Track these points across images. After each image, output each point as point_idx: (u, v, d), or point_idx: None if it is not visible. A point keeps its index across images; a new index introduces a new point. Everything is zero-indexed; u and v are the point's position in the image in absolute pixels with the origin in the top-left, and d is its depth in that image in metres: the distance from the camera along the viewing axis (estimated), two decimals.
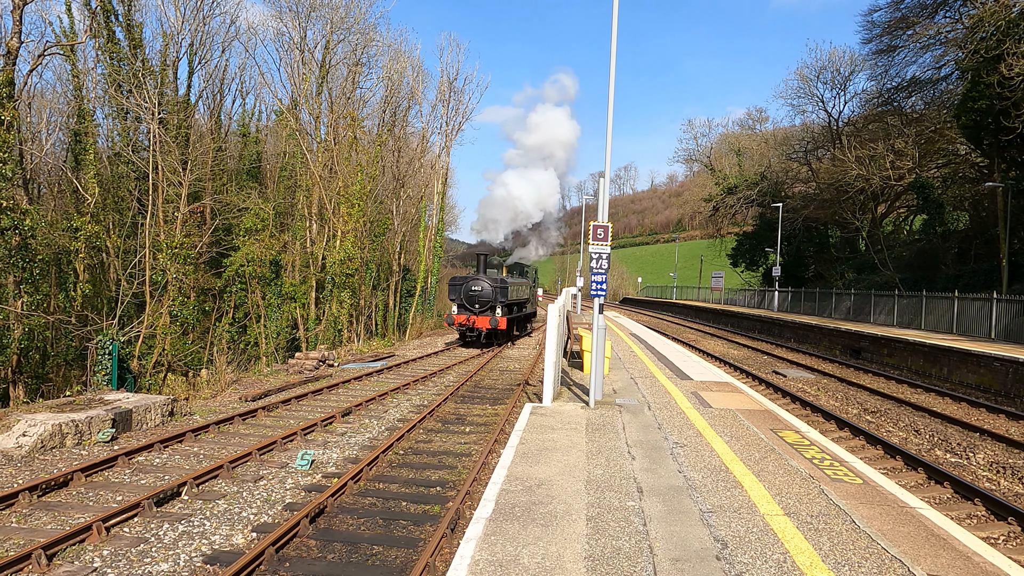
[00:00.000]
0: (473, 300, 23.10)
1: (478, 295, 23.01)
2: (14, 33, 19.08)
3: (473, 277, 23.47)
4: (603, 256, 9.77)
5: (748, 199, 50.43)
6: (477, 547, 4.68)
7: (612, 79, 9.90)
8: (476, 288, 23.05)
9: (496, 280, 23.17)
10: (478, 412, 12.91)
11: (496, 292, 22.86)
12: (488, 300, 22.99)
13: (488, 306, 22.99)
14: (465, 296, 23.15)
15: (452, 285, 24.01)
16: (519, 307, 26.42)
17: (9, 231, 16.92)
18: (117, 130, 27.97)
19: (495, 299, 22.92)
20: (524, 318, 29.06)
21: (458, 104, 39.94)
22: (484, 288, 22.96)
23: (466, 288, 23.15)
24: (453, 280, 24.30)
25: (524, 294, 27.03)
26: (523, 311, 27.83)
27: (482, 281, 23.09)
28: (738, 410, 10.42)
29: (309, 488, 8.14)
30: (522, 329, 29.34)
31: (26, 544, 6.14)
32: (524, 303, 27.64)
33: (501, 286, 22.96)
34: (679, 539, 5.06)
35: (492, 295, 22.88)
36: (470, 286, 23.10)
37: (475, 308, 23.05)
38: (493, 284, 22.93)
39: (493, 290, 22.88)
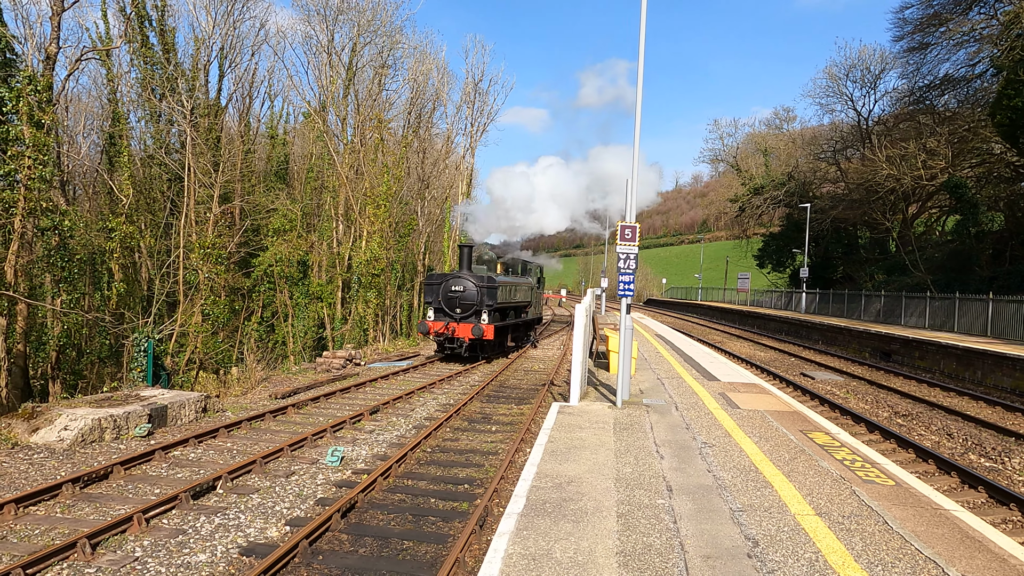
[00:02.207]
0: (453, 303, 19.01)
1: (459, 297, 18.90)
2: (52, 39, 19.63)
3: (454, 275, 19.35)
4: (631, 256, 9.78)
5: (775, 199, 49.85)
6: (510, 541, 4.74)
7: (640, 81, 9.91)
8: (457, 288, 18.96)
9: (482, 279, 19.05)
10: (504, 411, 12.98)
11: (481, 293, 18.80)
12: (472, 303, 18.87)
13: (472, 310, 18.91)
14: (444, 298, 19.12)
15: (428, 285, 19.75)
16: (516, 312, 22.57)
17: (48, 231, 17.42)
18: (150, 133, 28.62)
19: (480, 302, 18.82)
20: (523, 326, 24.36)
21: (483, 105, 40.15)
22: (467, 288, 18.88)
23: (445, 288, 19.14)
24: (429, 278, 19.91)
25: (522, 296, 22.77)
26: (521, 317, 23.43)
27: (464, 279, 18.99)
28: (766, 411, 10.35)
29: (340, 484, 8.27)
30: (521, 339, 24.78)
31: (71, 533, 6.34)
32: (523, 307, 23.43)
33: (488, 286, 18.90)
34: (710, 537, 5.07)
35: (476, 297, 18.79)
36: (450, 285, 19.09)
37: (455, 313, 18.97)
38: (478, 283, 18.86)
39: (478, 290, 18.80)
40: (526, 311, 24.03)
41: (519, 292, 22.18)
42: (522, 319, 23.48)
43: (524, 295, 23.03)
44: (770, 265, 51.67)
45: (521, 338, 24.78)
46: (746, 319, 43.44)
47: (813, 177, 48.18)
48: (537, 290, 26.06)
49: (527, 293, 23.59)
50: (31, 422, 9.66)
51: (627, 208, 9.88)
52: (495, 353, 20.90)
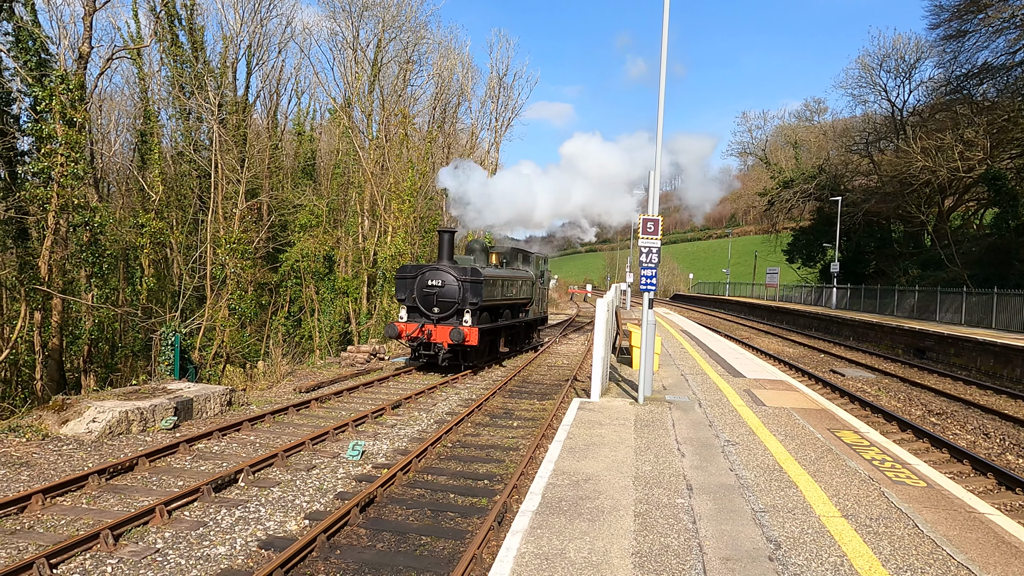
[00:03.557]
0: (429, 300, 15.75)
1: (437, 293, 15.68)
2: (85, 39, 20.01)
3: (431, 266, 16.00)
4: (653, 250, 9.62)
5: (805, 193, 48.91)
6: (523, 540, 4.67)
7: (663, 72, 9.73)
8: (434, 283, 15.72)
9: (465, 271, 15.74)
10: (526, 407, 12.91)
11: (464, 288, 15.57)
12: (452, 301, 15.65)
13: (452, 309, 15.70)
14: (419, 294, 15.89)
15: (400, 278, 16.52)
16: (513, 310, 19.44)
17: (81, 227, 17.79)
18: (180, 130, 29.09)
19: (462, 299, 15.59)
20: (522, 327, 20.90)
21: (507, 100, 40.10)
22: (446, 282, 15.68)
23: (421, 283, 15.90)
24: (402, 270, 16.70)
25: (520, 292, 19.52)
26: (519, 316, 20.22)
27: (443, 272, 15.76)
28: (793, 409, 10.12)
29: (360, 478, 8.28)
30: (518, 342, 20.98)
31: (95, 524, 6.44)
32: (521, 305, 20.19)
33: (471, 280, 15.63)
34: (730, 538, 4.94)
35: (458, 293, 15.57)
36: (426, 279, 15.85)
37: (432, 313, 15.80)
38: (460, 276, 15.61)
39: (459, 285, 15.58)
40: (525, 309, 20.85)
41: (515, 287, 18.95)
42: (520, 319, 20.29)
43: (522, 290, 19.75)
44: (800, 260, 50.75)
45: (520, 341, 21.16)
46: (774, 315, 42.75)
47: (845, 170, 47.15)
48: (540, 285, 22.45)
49: (526, 288, 20.22)
50: (61, 414, 9.86)
51: (650, 201, 9.73)
52: (483, 360, 17.48)
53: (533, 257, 21.75)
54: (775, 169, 55.12)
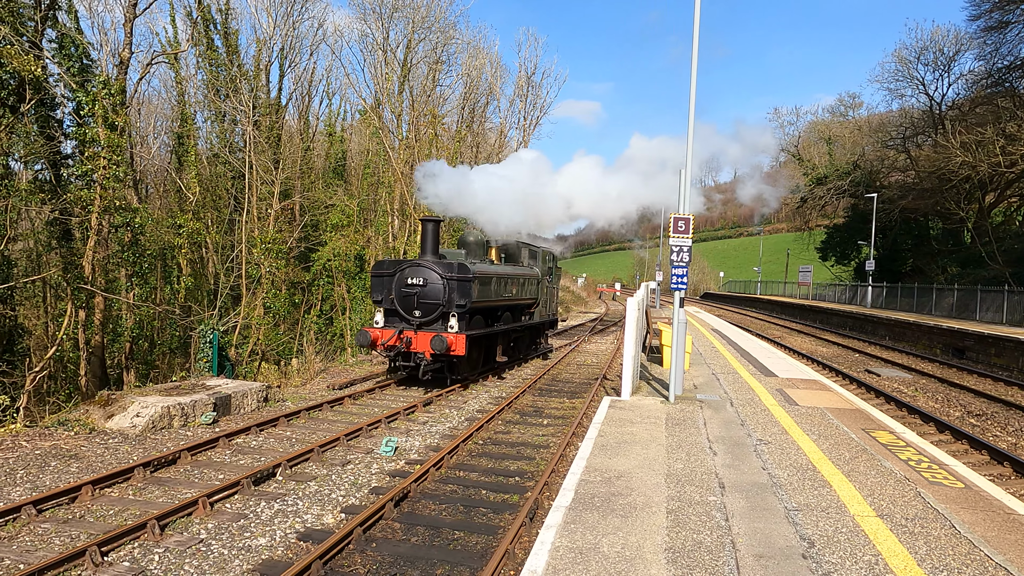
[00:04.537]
0: (409, 302, 13.61)
1: (418, 293, 13.54)
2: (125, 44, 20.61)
3: (412, 262, 13.84)
4: (684, 249, 9.61)
5: (839, 190, 48.01)
6: (557, 534, 4.75)
7: (694, 70, 9.70)
8: (415, 281, 13.58)
9: (452, 267, 13.56)
10: (555, 405, 12.98)
11: (449, 288, 13.42)
12: (436, 302, 13.49)
13: (436, 313, 13.53)
14: (398, 295, 13.72)
15: (376, 276, 14.29)
16: (513, 312, 17.16)
17: (122, 228, 18.34)
18: (215, 132, 29.74)
19: (447, 300, 13.43)
20: (526, 332, 18.34)
21: (536, 99, 40.10)
22: (428, 280, 13.51)
23: (399, 281, 13.73)
24: (378, 267, 14.39)
25: (523, 292, 17.10)
26: (522, 319, 17.83)
27: (425, 268, 13.59)
28: (827, 408, 10.02)
29: (393, 473, 8.44)
30: (520, 349, 18.41)
31: (142, 515, 6.69)
32: (524, 307, 17.86)
33: (459, 277, 13.44)
34: (763, 536, 4.95)
35: (442, 293, 13.43)
36: (405, 277, 13.69)
37: (412, 317, 13.63)
38: (446, 274, 13.47)
39: (444, 284, 13.44)
40: (530, 311, 18.40)
41: (516, 286, 16.48)
42: (524, 322, 17.83)
43: (526, 290, 17.31)
44: (833, 258, 49.87)
45: (524, 348, 18.67)
46: (807, 313, 42.09)
47: (880, 166, 46.18)
48: (548, 283, 19.71)
49: (530, 287, 17.71)
50: (106, 409, 10.21)
51: (680, 199, 9.71)
52: (475, 372, 15.15)
53: (540, 252, 19.10)
54: (808, 165, 54.21)
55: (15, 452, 8.56)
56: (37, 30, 17.35)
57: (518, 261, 18.43)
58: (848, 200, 48.65)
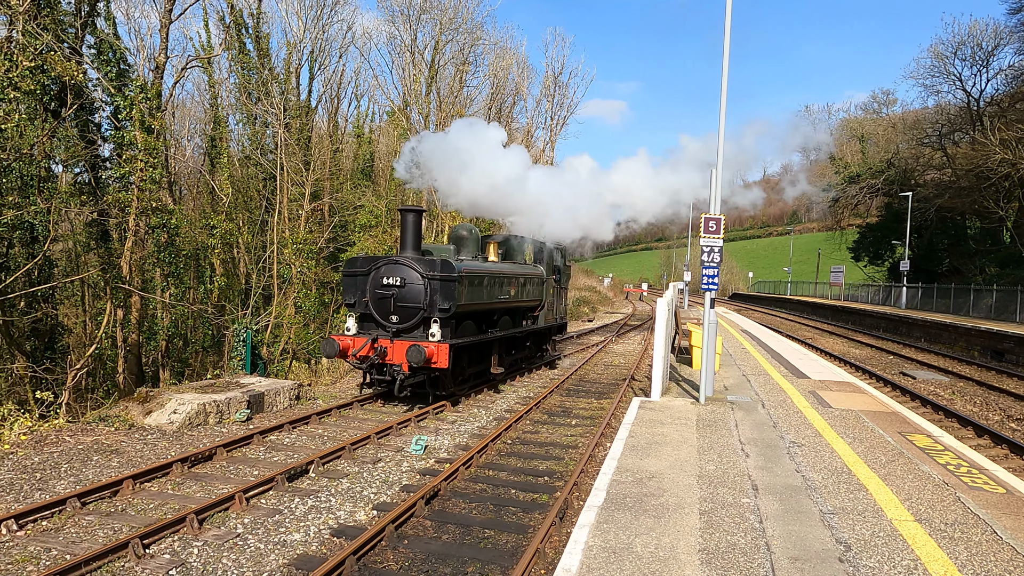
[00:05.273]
0: (385, 305, 11.83)
1: (395, 295, 11.74)
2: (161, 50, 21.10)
3: (388, 259, 12.01)
4: (715, 249, 9.54)
5: (872, 188, 47.13)
6: (590, 533, 4.76)
7: (725, 67, 9.62)
8: (391, 280, 11.75)
9: (434, 264, 11.69)
10: (583, 405, 12.96)
11: (431, 289, 11.58)
12: (416, 306, 11.68)
13: (417, 318, 11.70)
14: (372, 297, 11.94)
15: (348, 275, 12.40)
16: (513, 316, 15.23)
17: (158, 229, 18.76)
18: (247, 135, 30.25)
19: (429, 303, 11.61)
20: (530, 337, 16.42)
21: (562, 98, 40.10)
22: (407, 280, 11.69)
23: (374, 281, 11.93)
24: (350, 265, 12.49)
25: (525, 293, 15.13)
26: (524, 324, 15.88)
27: (404, 266, 11.75)
28: (861, 411, 9.86)
29: (423, 472, 8.51)
30: (526, 358, 16.62)
31: (180, 509, 6.85)
32: (527, 310, 15.96)
33: (443, 276, 11.57)
34: (798, 538, 4.90)
35: (423, 295, 11.60)
36: (380, 276, 11.87)
37: (389, 322, 11.85)
38: (427, 273, 11.61)
39: (426, 284, 11.58)
40: (533, 315, 16.32)
41: (516, 286, 14.50)
42: (526, 327, 15.77)
43: (528, 291, 15.26)
44: (867, 258, 48.98)
45: (526, 356, 16.54)
46: (839, 314, 41.38)
47: (915, 164, 45.21)
48: (555, 283, 17.59)
49: (533, 288, 15.68)
50: (145, 405, 10.47)
51: (711, 199, 9.64)
52: (466, 387, 13.29)
53: (546, 248, 16.83)
54: (840, 164, 53.29)
55: (59, 447, 8.82)
56: (78, 37, 17.84)
57: (518, 258, 16.27)
58: (882, 199, 47.73)
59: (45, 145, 15.61)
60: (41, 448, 8.71)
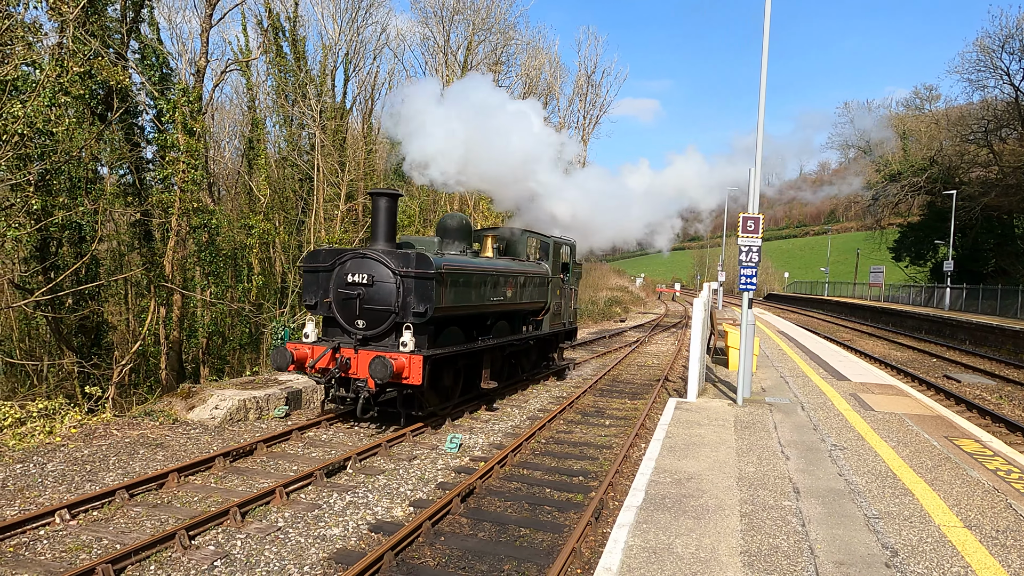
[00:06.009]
0: (350, 308, 10.05)
1: (361, 296, 9.92)
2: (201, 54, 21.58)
3: (355, 252, 10.17)
4: (753, 249, 9.41)
5: (914, 187, 45.89)
6: (630, 533, 4.74)
7: (764, 64, 9.48)
8: (357, 278, 9.95)
9: (407, 260, 9.83)
10: (617, 406, 12.90)
11: (404, 289, 9.80)
12: (385, 309, 9.90)
13: (387, 323, 9.91)
14: (336, 297, 10.17)
15: (308, 271, 10.59)
16: (510, 321, 13.44)
17: (199, 229, 19.20)
18: (284, 136, 30.76)
19: (401, 306, 9.82)
20: (530, 346, 14.37)
21: (595, 97, 39.94)
22: (376, 278, 9.88)
23: (338, 278, 10.16)
24: (310, 259, 10.62)
25: (525, 294, 13.31)
26: (524, 330, 14.06)
27: (373, 262, 9.96)
28: (905, 414, 9.62)
29: (458, 470, 8.56)
30: (523, 369, 14.47)
31: (223, 502, 7.01)
32: (529, 313, 14.17)
33: (418, 274, 9.77)
34: (842, 543, 4.81)
35: (394, 296, 9.81)
36: (344, 273, 10.09)
37: (355, 328, 10.06)
38: (400, 269, 9.79)
39: (399, 283, 9.79)
40: (536, 319, 14.50)
41: (513, 286, 12.66)
42: (527, 334, 13.85)
43: (528, 292, 13.45)
44: (908, 258, 47.75)
45: (527, 367, 14.67)
46: (879, 316, 40.41)
47: (960, 161, 43.90)
48: (562, 283, 15.46)
49: (535, 288, 13.80)
50: (187, 401, 10.74)
51: (750, 198, 9.51)
52: (448, 406, 11.32)
53: (551, 244, 14.78)
54: (880, 162, 52.00)
55: (107, 440, 9.10)
56: (123, 42, 18.36)
57: (519, 254, 14.38)
58: (924, 197, 46.47)
59: (92, 148, 16.09)
60: (90, 441, 8.99)
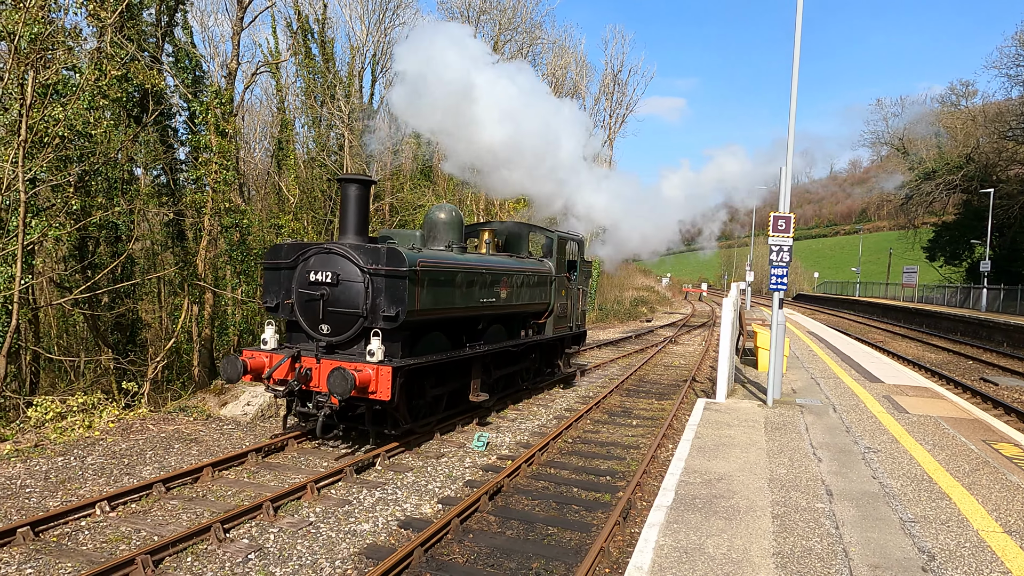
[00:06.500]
0: (313, 310, 8.86)
1: (326, 296, 8.72)
2: (233, 56, 21.96)
3: (319, 247, 8.97)
4: (784, 248, 9.29)
5: (949, 185, 44.87)
6: (660, 532, 4.73)
7: (796, 62, 9.35)
8: (321, 276, 8.77)
9: (377, 255, 8.63)
10: (644, 406, 12.83)
11: (374, 289, 8.61)
12: (352, 312, 8.69)
13: (354, 328, 8.69)
14: (298, 298, 8.96)
15: (270, 268, 9.39)
16: (508, 324, 12.14)
17: (231, 228, 19.54)
18: (312, 137, 31.16)
19: (371, 308, 8.62)
20: (530, 353, 13.07)
21: (621, 96, 39.71)
22: (342, 275, 8.72)
23: (300, 276, 8.95)
24: (272, 255, 9.41)
25: (524, 295, 11.96)
26: (522, 333, 12.71)
27: (339, 256, 8.76)
28: (941, 417, 9.42)
29: (486, 468, 8.60)
30: (522, 378, 13.17)
31: (256, 496, 7.13)
32: (529, 316, 12.83)
33: (389, 271, 8.55)
34: (877, 546, 4.74)
35: (362, 297, 8.62)
36: (307, 271, 8.89)
37: (319, 333, 8.86)
38: (368, 266, 8.60)
39: (367, 282, 8.59)
40: (537, 323, 13.16)
41: (509, 286, 11.31)
42: (526, 340, 12.49)
43: (528, 292, 12.10)
44: (942, 258, 46.71)
45: (526, 376, 13.35)
46: (912, 317, 39.57)
47: (998, 159, 42.79)
48: (568, 283, 14.20)
49: (535, 288, 12.44)
50: (220, 397, 10.94)
51: (781, 197, 9.39)
52: (428, 423, 10.00)
53: (555, 239, 13.39)
54: (914, 159, 50.93)
55: (143, 434, 9.32)
56: (158, 46, 18.75)
57: (519, 250, 13.33)
58: (960, 196, 45.42)
59: (128, 149, 16.47)
60: (127, 435, 9.22)
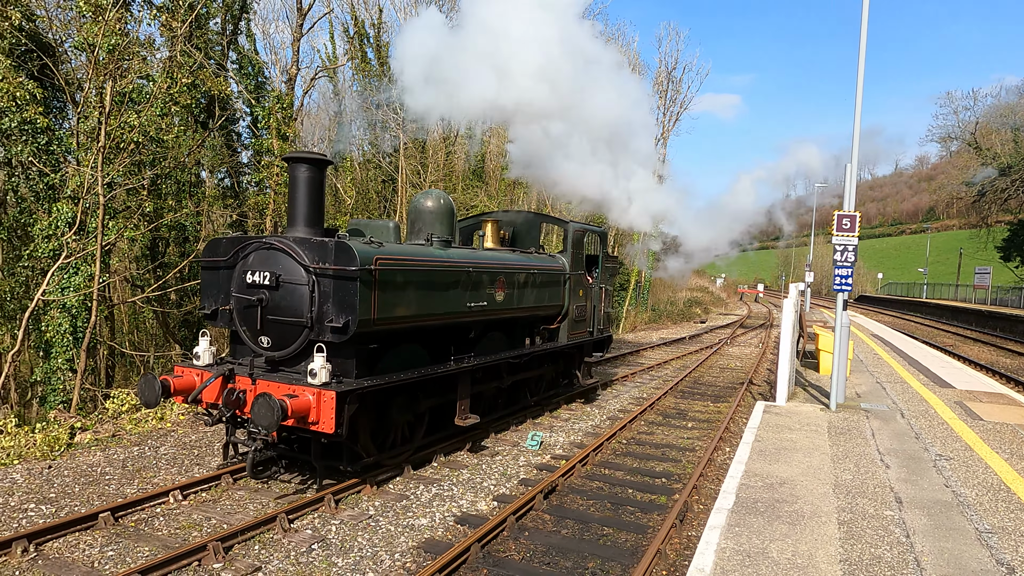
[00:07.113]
0: (251, 318, 7.01)
1: (264, 302, 6.87)
2: (293, 63, 22.61)
3: (258, 241, 7.06)
4: (849, 248, 9.00)
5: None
6: (722, 536, 4.66)
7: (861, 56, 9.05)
8: (259, 277, 6.85)
9: (324, 250, 6.70)
10: (699, 408, 12.63)
11: (321, 292, 6.69)
12: (296, 322, 6.79)
13: (299, 341, 6.84)
14: (236, 304, 7.15)
15: (206, 267, 7.61)
16: (507, 331, 10.23)
17: None
18: (368, 139, 31.81)
19: (316, 317, 6.72)
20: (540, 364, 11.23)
21: (675, 94, 39.01)
22: (283, 276, 6.79)
23: (238, 276, 7.10)
24: (210, 250, 7.57)
25: (529, 297, 10.14)
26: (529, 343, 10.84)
27: (280, 252, 6.86)
28: (1018, 425, 8.97)
29: (540, 467, 8.62)
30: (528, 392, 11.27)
31: (319, 489, 7.34)
32: (539, 321, 11.00)
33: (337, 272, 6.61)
34: (951, 556, 4.55)
35: (306, 303, 6.70)
36: (244, 271, 7.01)
37: (260, 346, 7.08)
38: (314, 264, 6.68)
39: (313, 284, 6.68)
40: (548, 328, 11.29)
41: (508, 287, 9.53)
42: (532, 349, 10.58)
43: (534, 293, 10.28)
44: (1019, 258, 44.31)
45: (540, 389, 11.77)
46: (985, 320, 37.68)
47: None
48: (588, 282, 12.22)
49: (546, 289, 10.66)
50: None
51: (846, 195, 9.10)
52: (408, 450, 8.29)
53: (570, 231, 11.43)
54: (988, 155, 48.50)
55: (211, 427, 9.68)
56: (223, 54, 19.48)
57: (533, 244, 11.84)
58: None
59: (196, 153, 17.16)
60: (196, 427, 9.61)
